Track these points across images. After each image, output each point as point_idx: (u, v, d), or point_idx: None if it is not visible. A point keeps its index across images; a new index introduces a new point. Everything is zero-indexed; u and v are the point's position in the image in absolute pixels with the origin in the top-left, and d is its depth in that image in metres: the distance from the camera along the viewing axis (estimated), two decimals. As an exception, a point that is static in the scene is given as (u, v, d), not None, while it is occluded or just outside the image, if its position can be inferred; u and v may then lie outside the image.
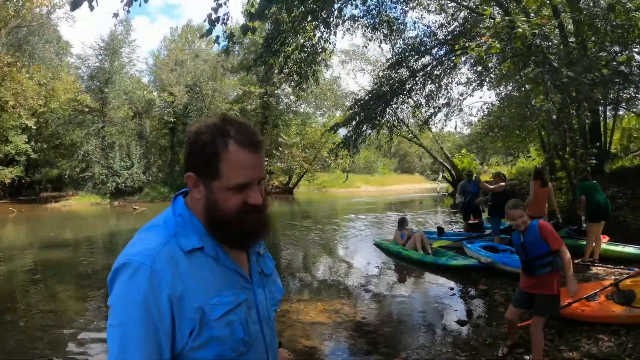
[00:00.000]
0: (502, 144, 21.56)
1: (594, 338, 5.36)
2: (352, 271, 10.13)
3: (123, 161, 37.65)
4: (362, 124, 14.76)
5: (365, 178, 57.48)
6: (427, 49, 14.68)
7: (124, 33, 38.99)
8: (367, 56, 38.56)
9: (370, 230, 16.66)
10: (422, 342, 5.71)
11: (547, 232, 4.50)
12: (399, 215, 13.87)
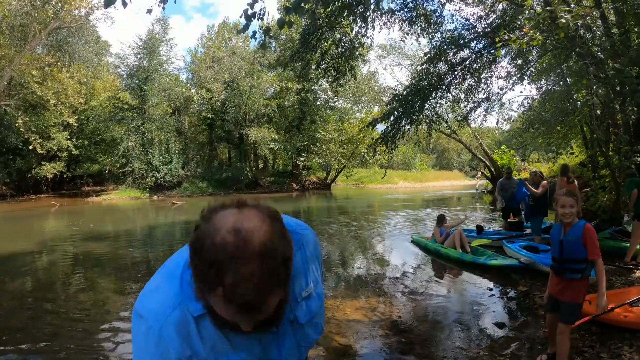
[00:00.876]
0: (542, 140, 21.20)
1: (637, 346, 5.12)
2: (388, 268, 10.02)
3: (162, 156, 38.31)
4: (401, 120, 14.62)
5: (403, 174, 57.18)
6: (465, 42, 14.40)
7: (162, 32, 39.68)
8: (404, 50, 38.30)
9: (407, 227, 16.52)
10: (458, 344, 5.59)
11: (590, 239, 4.22)
12: (437, 212, 13.69)
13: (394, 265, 10.29)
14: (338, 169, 45.34)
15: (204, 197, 36.47)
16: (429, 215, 18.92)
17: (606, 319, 5.45)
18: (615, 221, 10.39)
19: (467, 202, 29.84)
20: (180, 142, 41.19)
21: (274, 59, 42.16)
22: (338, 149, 42.90)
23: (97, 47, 44.65)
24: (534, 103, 17.23)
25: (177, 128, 41.28)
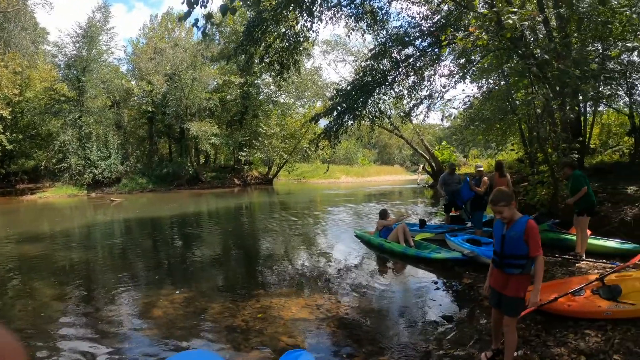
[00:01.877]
0: (482, 137, 21.74)
1: (581, 333, 5.31)
2: (333, 264, 9.99)
3: (100, 151, 37.03)
4: (344, 115, 14.62)
5: (345, 169, 57.46)
6: (410, 40, 14.53)
7: (102, 20, 38.15)
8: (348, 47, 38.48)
9: (350, 221, 16.59)
10: (406, 338, 5.61)
11: (533, 235, 4.25)
12: (379, 207, 13.78)
13: (338, 260, 10.27)
14: (280, 163, 45.19)
15: (144, 194, 35.56)
16: (372, 210, 19.09)
17: (550, 308, 5.68)
18: (553, 214, 10.71)
19: (408, 196, 30.26)
20: (119, 137, 39.85)
21: (217, 51, 41.49)
22: (280, 144, 42.70)
23: (35, 34, 42.55)
24: (475, 101, 17.58)
25: (116, 122, 39.94)
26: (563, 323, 5.61)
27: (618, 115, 20.05)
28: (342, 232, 14.00)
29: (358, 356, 5.11)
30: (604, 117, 21.61)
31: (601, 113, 20.67)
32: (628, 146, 17.62)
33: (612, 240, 9.44)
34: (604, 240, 9.48)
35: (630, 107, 16.22)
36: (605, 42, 11.09)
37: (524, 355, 4.94)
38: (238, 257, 11.76)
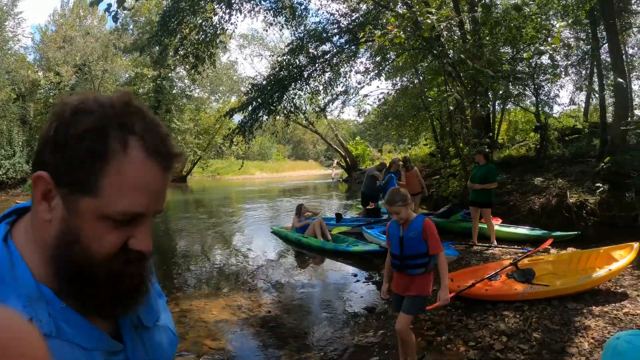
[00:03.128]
0: (396, 132, 22.26)
1: (500, 315, 5.61)
2: (251, 262, 9.77)
3: (4, 149, 34.33)
4: (258, 110, 14.50)
5: (260, 164, 57.08)
6: (328, 37, 14.60)
7: (10, 4, 35.31)
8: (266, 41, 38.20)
9: (266, 218, 16.44)
10: (331, 332, 5.62)
11: (431, 234, 4.17)
12: (295, 202, 13.72)
13: (256, 258, 10.09)
14: (194, 160, 43.86)
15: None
16: (288, 205, 19.02)
17: (469, 293, 5.98)
18: (465, 205, 11.10)
19: (323, 191, 30.45)
20: (24, 133, 37.03)
21: (131, 42, 39.76)
22: (194, 140, 41.46)
23: None
24: (389, 98, 17.94)
25: (21, 116, 37.12)
26: (482, 307, 5.91)
27: (525, 113, 21.19)
28: (258, 229, 13.83)
29: (285, 354, 5.03)
30: (512, 114, 22.79)
31: (509, 111, 21.77)
32: (534, 142, 18.70)
33: (522, 227, 10.11)
34: (515, 227, 10.13)
35: (536, 106, 17.25)
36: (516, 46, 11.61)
37: (447, 340, 5.12)
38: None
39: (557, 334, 5.06)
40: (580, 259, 7.04)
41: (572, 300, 5.95)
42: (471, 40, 10.99)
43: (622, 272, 6.94)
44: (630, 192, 9.59)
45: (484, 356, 4.78)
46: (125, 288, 0.87)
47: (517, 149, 19.40)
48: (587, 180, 11.06)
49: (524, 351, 4.79)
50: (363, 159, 39.38)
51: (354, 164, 36.99)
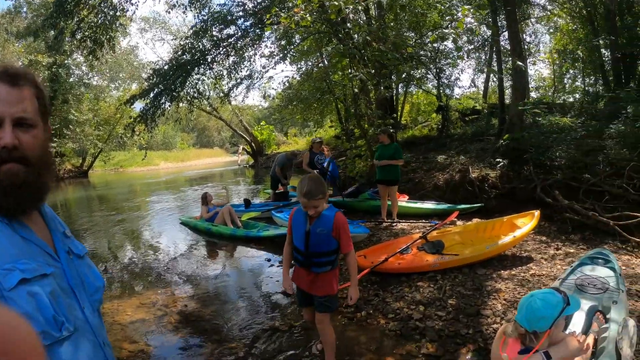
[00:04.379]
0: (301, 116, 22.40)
1: (415, 286, 5.90)
2: (162, 256, 9.38)
3: None
4: (161, 96, 14.07)
5: (164, 154, 55.28)
6: (233, 19, 14.31)
7: None
8: (168, 25, 36.96)
9: (174, 209, 15.96)
10: (251, 320, 5.59)
11: (343, 231, 3.81)
12: (202, 191, 13.41)
13: (166, 251, 9.74)
14: (95, 153, 41.17)
15: None
16: (195, 195, 18.64)
17: (383, 268, 6.24)
18: (372, 184, 11.42)
19: (230, 177, 30.14)
20: None
21: (24, 26, 36.93)
22: (94, 132, 38.64)
23: None
24: (294, 82, 17.91)
25: None
26: (397, 280, 6.17)
27: (427, 95, 22.01)
28: (166, 221, 13.38)
29: (206, 346, 4.92)
30: (415, 96, 23.61)
31: (412, 93, 22.55)
32: (436, 122, 19.52)
33: (428, 202, 10.68)
34: (422, 203, 10.69)
35: (438, 88, 18.09)
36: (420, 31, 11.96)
37: (367, 314, 5.30)
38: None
39: (471, 298, 5.37)
40: (486, 228, 7.56)
41: (482, 267, 6.38)
42: (376, 24, 11.23)
43: (525, 238, 7.51)
44: (528, 166, 10.31)
45: (404, 326, 4.97)
46: (7, 184, 1.10)
47: (420, 129, 20.29)
48: (488, 157, 11.85)
49: (441, 317, 5.04)
50: (269, 144, 39.31)
51: (260, 150, 36.87)
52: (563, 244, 7.69)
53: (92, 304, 1.25)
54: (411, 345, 4.63)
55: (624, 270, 6.24)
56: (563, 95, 21.20)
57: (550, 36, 24.92)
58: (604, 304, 3.94)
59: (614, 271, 4.57)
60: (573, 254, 6.80)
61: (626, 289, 4.62)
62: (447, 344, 4.56)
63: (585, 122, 12.10)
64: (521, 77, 12.76)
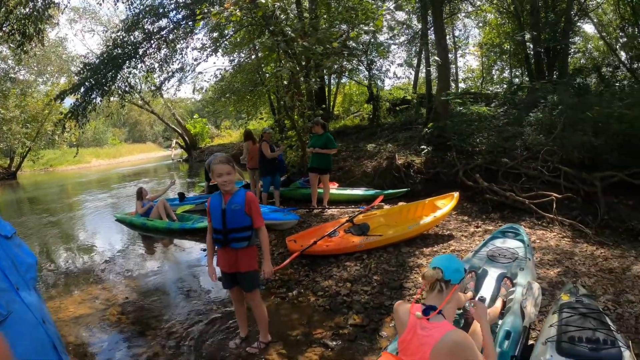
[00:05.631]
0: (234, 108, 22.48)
1: (343, 266, 6.36)
2: (99, 254, 9.31)
3: None
4: (92, 91, 13.81)
5: (96, 151, 53.37)
6: (165, 12, 14.20)
7: None
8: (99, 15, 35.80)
9: (108, 206, 15.68)
10: (192, 308, 5.78)
11: (254, 207, 4.19)
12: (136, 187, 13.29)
13: (103, 248, 9.69)
14: (23, 153, 38.72)
15: None
16: (129, 191, 18.40)
17: (312, 251, 6.64)
18: (303, 173, 11.85)
19: (164, 172, 29.74)
20: None
21: None
22: (21, 130, 36.18)
23: None
24: (227, 74, 17.97)
25: None
26: (326, 261, 6.61)
27: (359, 86, 22.56)
28: (102, 219, 13.16)
29: (150, 336, 5.08)
30: (347, 87, 24.12)
31: (344, 84, 23.05)
32: (367, 112, 20.06)
33: (357, 189, 11.16)
34: (351, 190, 11.16)
35: (369, 80, 18.67)
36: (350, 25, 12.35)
37: (298, 294, 5.69)
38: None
39: (394, 274, 5.86)
40: (409, 210, 8.13)
41: (406, 245, 6.93)
42: (307, 19, 11.55)
43: (447, 217, 8.19)
44: (451, 152, 10.98)
45: (333, 302, 5.38)
46: None
47: (351, 119, 20.79)
48: (414, 144, 12.40)
49: (367, 292, 5.49)
50: (202, 137, 38.94)
51: (193, 143, 36.49)
52: (483, 222, 8.37)
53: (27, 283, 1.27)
54: (339, 318, 5.06)
55: (539, 243, 6.96)
56: (491, 86, 22.31)
57: (479, 30, 25.98)
58: (512, 271, 4.39)
59: (523, 242, 5.08)
60: (492, 230, 7.32)
61: (534, 257, 5.16)
62: (372, 314, 5.02)
63: (507, 110, 12.90)
64: (446, 69, 13.40)
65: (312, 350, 4.50)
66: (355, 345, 4.52)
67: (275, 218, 8.63)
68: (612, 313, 4.64)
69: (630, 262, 6.22)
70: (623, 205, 8.56)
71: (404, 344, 2.71)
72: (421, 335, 2.62)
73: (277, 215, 8.78)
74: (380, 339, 4.58)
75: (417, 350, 2.61)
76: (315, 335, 4.77)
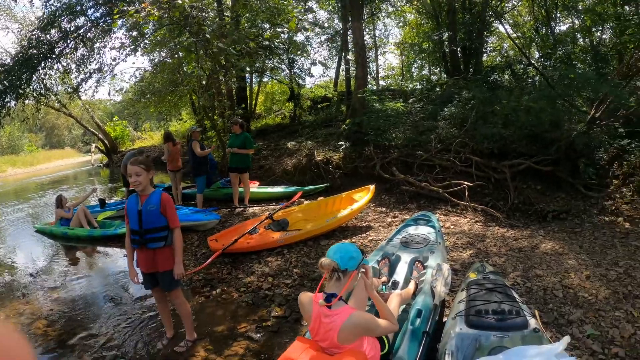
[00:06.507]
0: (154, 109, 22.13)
1: (264, 261, 6.60)
2: (21, 267, 8.79)
3: None
4: (5, 95, 13.32)
5: (11, 159, 50.22)
6: (83, 10, 13.80)
7: None
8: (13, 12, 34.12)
9: (27, 217, 15.03)
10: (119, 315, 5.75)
11: (169, 207, 4.29)
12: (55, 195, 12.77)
13: (25, 262, 9.15)
14: None
15: None
16: (48, 200, 17.70)
17: (234, 249, 6.84)
18: (224, 173, 12.05)
19: (84, 178, 28.75)
20: None
21: None
22: None
23: None
24: (146, 74, 17.66)
25: None
26: (248, 258, 6.84)
27: (280, 85, 22.75)
28: (21, 231, 12.41)
29: (77, 345, 5.02)
30: (269, 86, 24.25)
31: (266, 83, 23.20)
32: (289, 110, 20.27)
33: (278, 187, 11.43)
34: (272, 187, 11.40)
35: (290, 78, 18.85)
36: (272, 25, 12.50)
37: (222, 291, 5.81)
38: None
39: (314, 266, 6.20)
40: (327, 204, 8.51)
41: (325, 238, 7.30)
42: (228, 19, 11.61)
43: (365, 209, 8.56)
44: (368, 147, 11.37)
45: (255, 296, 5.59)
46: None
47: (273, 118, 20.96)
48: (334, 141, 12.74)
49: (288, 285, 5.74)
50: (123, 141, 37.86)
51: (113, 147, 35.45)
52: (400, 212, 8.83)
53: None
54: (263, 311, 5.29)
55: (453, 229, 7.45)
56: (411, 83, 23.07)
57: (399, 29, 26.79)
58: (423, 255, 4.74)
59: (434, 228, 5.48)
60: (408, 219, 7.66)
61: (445, 241, 5.50)
62: (294, 305, 5.24)
63: (424, 106, 13.45)
64: (364, 67, 13.79)
65: (238, 344, 4.67)
66: (278, 335, 4.75)
67: (197, 219, 8.74)
68: (521, 287, 5.13)
69: (538, 241, 6.83)
70: (531, 190, 9.40)
71: (314, 331, 2.96)
72: (326, 322, 2.86)
73: (198, 216, 8.89)
74: (302, 327, 4.81)
75: (326, 336, 2.87)
76: (240, 329, 4.94)
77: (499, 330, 3.15)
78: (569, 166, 9.65)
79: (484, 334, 3.15)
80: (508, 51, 21.80)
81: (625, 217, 8.03)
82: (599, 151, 9.78)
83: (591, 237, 7.31)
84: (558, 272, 5.54)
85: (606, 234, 7.37)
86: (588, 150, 9.75)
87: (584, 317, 4.48)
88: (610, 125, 10.07)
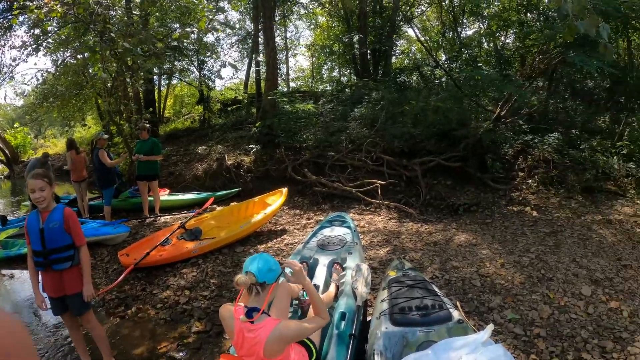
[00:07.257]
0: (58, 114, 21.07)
1: (179, 274, 6.39)
2: None
3: None
4: None
5: None
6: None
7: None
8: None
9: None
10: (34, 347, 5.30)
11: (74, 223, 3.90)
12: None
13: None
14: None
15: None
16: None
17: (146, 263, 6.51)
18: (132, 182, 11.52)
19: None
20: None
21: None
22: None
23: None
24: (49, 76, 16.74)
25: None
26: (162, 271, 6.56)
27: (190, 87, 22.36)
28: None
29: None
30: (178, 89, 23.75)
31: (175, 86, 22.71)
32: (198, 113, 19.98)
33: (189, 193, 11.20)
34: (183, 195, 11.13)
35: (200, 80, 18.56)
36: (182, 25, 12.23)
37: (137, 310, 5.58)
38: None
39: (231, 275, 6.14)
40: (240, 210, 8.48)
41: (240, 245, 7.28)
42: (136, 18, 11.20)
43: (278, 212, 8.60)
44: (279, 149, 11.46)
45: (173, 312, 5.44)
46: None
47: (182, 122, 20.57)
48: (244, 144, 12.68)
49: (206, 297, 5.63)
50: (25, 149, 35.75)
51: (15, 156, 33.38)
52: (314, 214, 8.94)
53: None
54: (182, 327, 5.13)
55: (368, 227, 7.60)
56: (321, 85, 23.35)
57: (311, 31, 26.97)
58: (341, 257, 4.75)
59: (350, 229, 5.55)
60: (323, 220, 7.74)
61: (361, 241, 5.57)
62: (215, 318, 5.14)
63: (334, 107, 13.63)
64: (273, 69, 13.79)
65: (160, 366, 4.47)
66: (201, 352, 4.63)
67: (106, 232, 8.15)
68: (440, 280, 5.31)
69: (452, 234, 7.14)
70: (442, 185, 9.85)
71: (237, 346, 2.87)
72: (250, 337, 2.78)
73: (107, 229, 8.27)
74: (225, 341, 4.72)
75: (251, 350, 2.78)
76: (160, 349, 4.75)
77: (424, 326, 3.24)
78: (477, 162, 10.23)
79: (410, 330, 3.22)
80: (416, 54, 22.57)
81: (533, 206, 8.70)
82: (504, 147, 10.48)
83: (502, 226, 7.83)
84: (474, 263, 5.82)
85: (516, 223, 7.90)
86: (494, 146, 10.42)
87: (503, 303, 4.76)
88: (514, 123, 10.82)
